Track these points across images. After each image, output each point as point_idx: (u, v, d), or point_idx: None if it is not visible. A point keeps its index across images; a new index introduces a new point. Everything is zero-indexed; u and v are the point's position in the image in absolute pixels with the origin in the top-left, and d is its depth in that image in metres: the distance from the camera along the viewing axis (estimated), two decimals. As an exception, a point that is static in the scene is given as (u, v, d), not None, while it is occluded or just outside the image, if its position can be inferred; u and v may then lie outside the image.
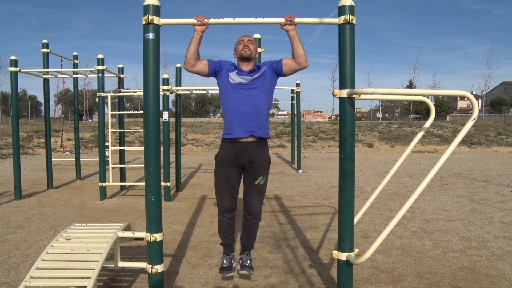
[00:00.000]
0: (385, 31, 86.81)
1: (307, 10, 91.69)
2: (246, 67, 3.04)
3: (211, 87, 7.46)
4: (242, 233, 3.28)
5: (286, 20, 2.80)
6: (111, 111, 8.56)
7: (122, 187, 7.90)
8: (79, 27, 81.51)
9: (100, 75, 6.85)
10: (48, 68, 7.80)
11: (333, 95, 2.80)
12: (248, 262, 3.18)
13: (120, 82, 8.26)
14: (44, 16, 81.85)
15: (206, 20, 2.80)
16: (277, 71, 3.06)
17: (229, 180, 3.05)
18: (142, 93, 3.05)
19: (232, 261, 3.21)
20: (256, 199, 3.09)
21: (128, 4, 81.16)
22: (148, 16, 2.71)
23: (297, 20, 2.85)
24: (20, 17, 77.90)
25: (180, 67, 8.09)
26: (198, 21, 2.79)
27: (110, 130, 7.28)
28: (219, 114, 49.37)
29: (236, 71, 3.01)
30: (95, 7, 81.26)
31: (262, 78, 3.01)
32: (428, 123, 3.33)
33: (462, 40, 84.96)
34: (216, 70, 3.04)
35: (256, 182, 3.04)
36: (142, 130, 3.03)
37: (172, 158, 8.10)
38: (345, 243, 2.84)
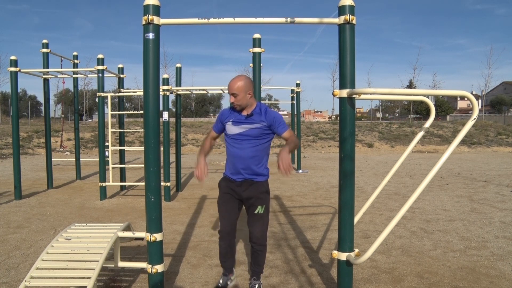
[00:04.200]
0: (386, 31, 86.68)
1: (307, 10, 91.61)
2: (243, 112, 3.04)
3: (211, 87, 7.46)
4: (250, 259, 3.28)
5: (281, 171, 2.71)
6: (111, 111, 8.57)
7: (122, 187, 7.91)
8: (80, 27, 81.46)
9: (100, 75, 6.85)
10: (48, 68, 7.80)
11: (333, 95, 2.80)
12: (256, 286, 3.19)
13: (120, 82, 8.27)
14: (46, 16, 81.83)
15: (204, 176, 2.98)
16: (276, 132, 3.05)
17: (228, 205, 3.12)
18: (142, 93, 3.05)
19: (229, 282, 3.21)
20: (257, 227, 3.11)
21: (129, 4, 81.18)
22: (148, 16, 2.70)
23: (297, 20, 2.84)
24: (21, 17, 77.93)
25: (180, 67, 8.07)
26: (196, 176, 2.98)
27: (110, 130, 7.29)
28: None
29: (231, 120, 3.04)
30: (96, 7, 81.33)
31: (256, 128, 2.99)
32: (428, 123, 3.33)
33: (463, 40, 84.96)
34: (222, 129, 3.13)
35: (256, 212, 3.08)
36: (142, 130, 3.03)
37: (172, 158, 8.10)
38: (345, 243, 2.84)
